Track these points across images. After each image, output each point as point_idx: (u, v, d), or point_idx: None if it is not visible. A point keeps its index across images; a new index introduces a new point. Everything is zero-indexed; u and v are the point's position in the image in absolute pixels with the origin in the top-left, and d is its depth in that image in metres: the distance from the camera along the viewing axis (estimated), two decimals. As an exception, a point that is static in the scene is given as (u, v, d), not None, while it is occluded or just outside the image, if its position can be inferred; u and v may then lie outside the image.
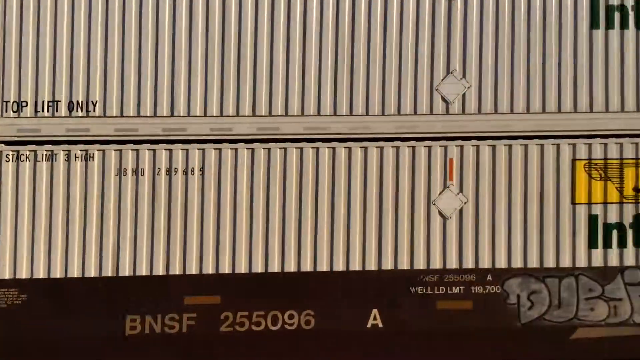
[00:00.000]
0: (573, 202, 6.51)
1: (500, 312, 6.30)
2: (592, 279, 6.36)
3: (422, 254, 6.41)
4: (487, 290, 6.31)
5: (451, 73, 6.52)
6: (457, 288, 6.30)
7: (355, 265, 6.36)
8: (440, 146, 6.47)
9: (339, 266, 6.35)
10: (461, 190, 6.47)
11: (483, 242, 6.42)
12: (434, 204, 6.45)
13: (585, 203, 6.50)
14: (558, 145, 6.51)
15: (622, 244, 6.49)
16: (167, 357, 6.09)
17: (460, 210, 6.45)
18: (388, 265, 6.39)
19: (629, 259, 6.46)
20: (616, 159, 6.54)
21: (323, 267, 6.34)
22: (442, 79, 6.51)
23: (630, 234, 6.49)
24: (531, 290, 6.34)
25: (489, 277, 6.32)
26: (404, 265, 6.39)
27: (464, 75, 6.53)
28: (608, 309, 6.36)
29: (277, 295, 6.23)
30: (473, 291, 6.29)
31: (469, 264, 6.40)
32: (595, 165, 6.54)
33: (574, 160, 6.54)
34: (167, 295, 6.15)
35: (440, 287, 6.30)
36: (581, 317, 6.35)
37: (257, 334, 6.15)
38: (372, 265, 6.38)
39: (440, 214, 6.45)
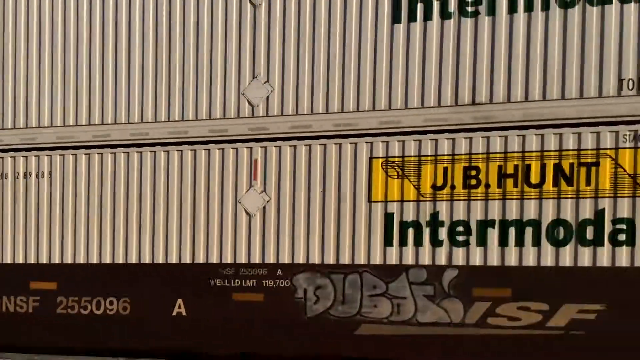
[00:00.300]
0: (369, 200, 6.80)
1: (289, 305, 6.84)
2: (376, 277, 6.64)
3: (230, 248, 7.14)
4: (277, 284, 6.90)
5: (256, 77, 7.11)
6: (251, 281, 6.98)
7: (173, 258, 7.32)
8: (246, 148, 7.12)
9: (159, 259, 7.35)
10: (265, 189, 7.08)
11: (283, 239, 6.99)
12: (240, 203, 7.15)
13: (381, 201, 6.77)
14: (356, 144, 6.83)
15: (418, 242, 6.68)
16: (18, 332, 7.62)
17: (264, 208, 7.09)
18: (200, 258, 7.25)
19: (425, 258, 6.63)
20: (414, 156, 6.70)
21: (146, 259, 7.39)
22: (248, 84, 7.14)
23: (426, 233, 6.65)
24: (317, 285, 6.77)
25: (279, 272, 6.90)
26: (214, 259, 7.20)
27: (267, 79, 7.07)
28: (392, 307, 6.62)
29: (103, 283, 7.42)
30: (264, 284, 6.92)
31: (270, 259, 7.01)
32: (392, 163, 6.73)
33: (371, 159, 6.77)
34: (20, 280, 7.65)
35: (236, 280, 7.01)
36: (365, 313, 6.65)
37: (84, 317, 7.41)
38: (187, 259, 7.29)
39: (246, 211, 7.13)
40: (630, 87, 6.14)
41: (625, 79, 6.16)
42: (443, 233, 6.55)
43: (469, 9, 6.52)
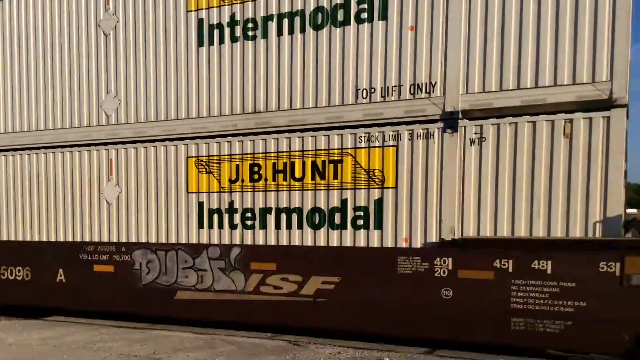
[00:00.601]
0: (188, 192, 8.73)
1: (129, 275, 9.01)
2: (187, 253, 8.60)
3: (96, 229, 9.40)
4: (122, 258, 9.07)
5: (109, 93, 9.21)
6: (105, 256, 9.20)
7: (60, 238, 9.70)
8: (105, 149, 9.29)
9: (51, 238, 9.77)
10: (118, 183, 9.23)
11: (130, 221, 9.11)
12: (102, 194, 9.36)
13: (195, 192, 8.67)
14: (177, 146, 8.76)
15: (220, 225, 8.54)
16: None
17: (118, 198, 9.25)
18: (77, 238, 9.57)
19: (226, 238, 8.47)
20: (216, 155, 8.52)
21: (43, 238, 9.85)
22: (104, 98, 9.25)
23: (226, 218, 8.48)
24: (148, 259, 8.87)
25: (123, 249, 9.06)
26: (89, 238, 9.49)
27: (117, 94, 9.14)
28: (197, 277, 8.56)
29: (13, 255, 9.99)
30: (114, 259, 9.12)
31: (131, 238, 9.17)
32: (201, 161, 8.60)
33: (187, 158, 8.70)
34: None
35: (95, 255, 9.27)
36: (180, 282, 8.66)
37: (3, 281, 10.06)
38: (73, 238, 9.62)
39: (106, 200, 9.33)
40: (364, 96, 7.60)
41: (360, 89, 7.62)
42: (237, 218, 8.42)
43: (250, 33, 8.20)
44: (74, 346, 7.91)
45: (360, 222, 7.65)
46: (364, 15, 7.53)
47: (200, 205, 8.63)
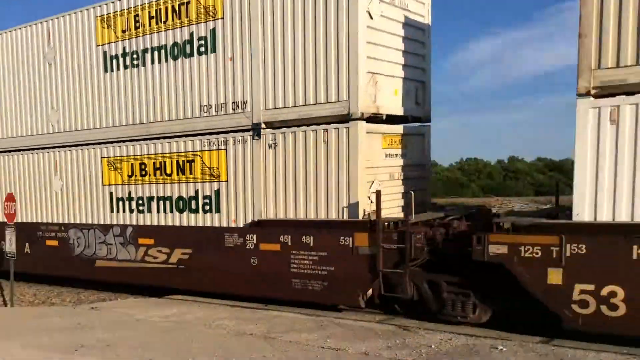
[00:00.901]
0: (103, 184, 11.72)
1: (66, 248, 12.15)
2: (100, 231, 11.61)
3: (49, 212, 12.63)
4: (62, 235, 12.21)
5: (53, 108, 12.33)
6: (52, 233, 12.38)
7: (28, 220, 13.03)
8: (52, 152, 12.45)
9: (22, 220, 13.12)
10: (61, 177, 12.38)
11: (69, 206, 12.26)
12: (51, 186, 12.54)
13: (108, 184, 11.64)
14: (94, 149, 11.75)
15: (123, 210, 11.47)
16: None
17: (61, 188, 12.39)
18: (38, 219, 12.85)
19: (127, 220, 11.39)
20: (119, 156, 11.44)
21: (19, 220, 13.21)
22: (50, 112, 12.39)
23: (126, 204, 11.39)
24: (77, 236, 11.97)
25: (62, 228, 12.20)
26: (44, 220, 12.75)
27: (58, 109, 12.26)
28: (107, 250, 11.54)
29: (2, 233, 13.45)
30: (58, 235, 12.29)
31: (71, 220, 12.31)
32: (110, 160, 11.55)
33: (102, 158, 11.68)
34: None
35: (47, 233, 12.48)
36: (97, 254, 11.69)
37: (-8, 253, 13.55)
38: (35, 220, 12.94)
39: (54, 191, 12.52)
40: (205, 111, 10.23)
41: (203, 105, 10.25)
42: (133, 205, 11.34)
43: (135, 62, 11.02)
44: (194, 323, 8.80)
45: (207, 207, 10.35)
46: (202, 49, 10.15)
47: (111, 194, 11.63)
